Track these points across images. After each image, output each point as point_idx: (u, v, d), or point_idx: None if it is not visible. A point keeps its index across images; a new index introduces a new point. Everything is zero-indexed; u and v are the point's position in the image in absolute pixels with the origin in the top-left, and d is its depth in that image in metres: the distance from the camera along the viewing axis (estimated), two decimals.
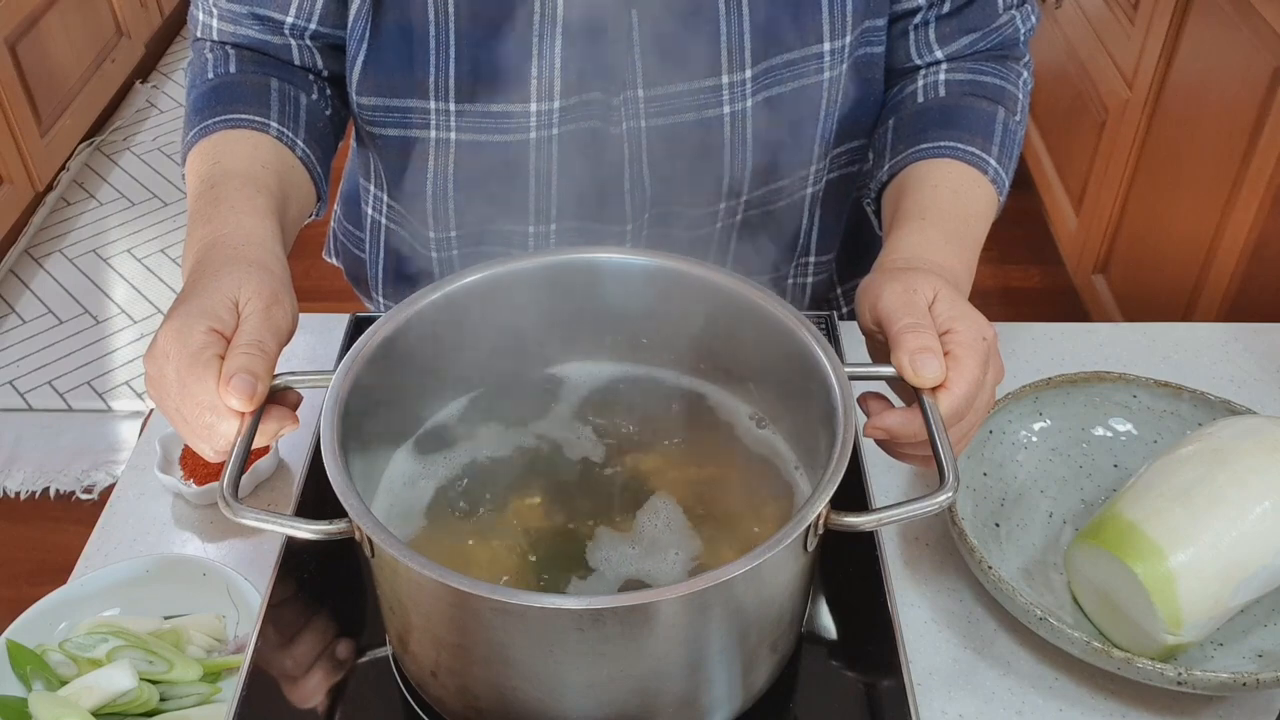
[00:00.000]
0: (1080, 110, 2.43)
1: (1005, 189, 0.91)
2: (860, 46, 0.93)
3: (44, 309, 2.65)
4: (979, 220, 0.87)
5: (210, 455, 0.70)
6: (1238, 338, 1.08)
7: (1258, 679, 0.72)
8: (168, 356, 0.68)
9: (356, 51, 0.90)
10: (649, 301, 0.79)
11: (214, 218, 0.78)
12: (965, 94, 0.94)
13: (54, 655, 0.81)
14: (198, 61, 0.93)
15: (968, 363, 0.70)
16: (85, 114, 3.07)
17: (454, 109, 0.90)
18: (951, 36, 0.95)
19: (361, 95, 0.92)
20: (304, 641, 0.75)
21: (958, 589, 0.85)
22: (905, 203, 0.86)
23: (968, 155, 0.88)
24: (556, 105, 0.89)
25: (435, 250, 1.00)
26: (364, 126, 0.96)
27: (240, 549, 0.90)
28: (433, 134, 0.92)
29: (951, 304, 0.73)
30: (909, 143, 0.91)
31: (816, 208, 1.02)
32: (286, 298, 0.73)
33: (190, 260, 0.76)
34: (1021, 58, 0.98)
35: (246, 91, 0.89)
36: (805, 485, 0.75)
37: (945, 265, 0.79)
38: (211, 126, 0.86)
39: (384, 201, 1.03)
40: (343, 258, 1.19)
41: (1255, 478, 0.78)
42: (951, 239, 0.82)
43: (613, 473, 0.76)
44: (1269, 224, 1.77)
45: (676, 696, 0.65)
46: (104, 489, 2.23)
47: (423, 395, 0.78)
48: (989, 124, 0.91)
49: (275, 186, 0.83)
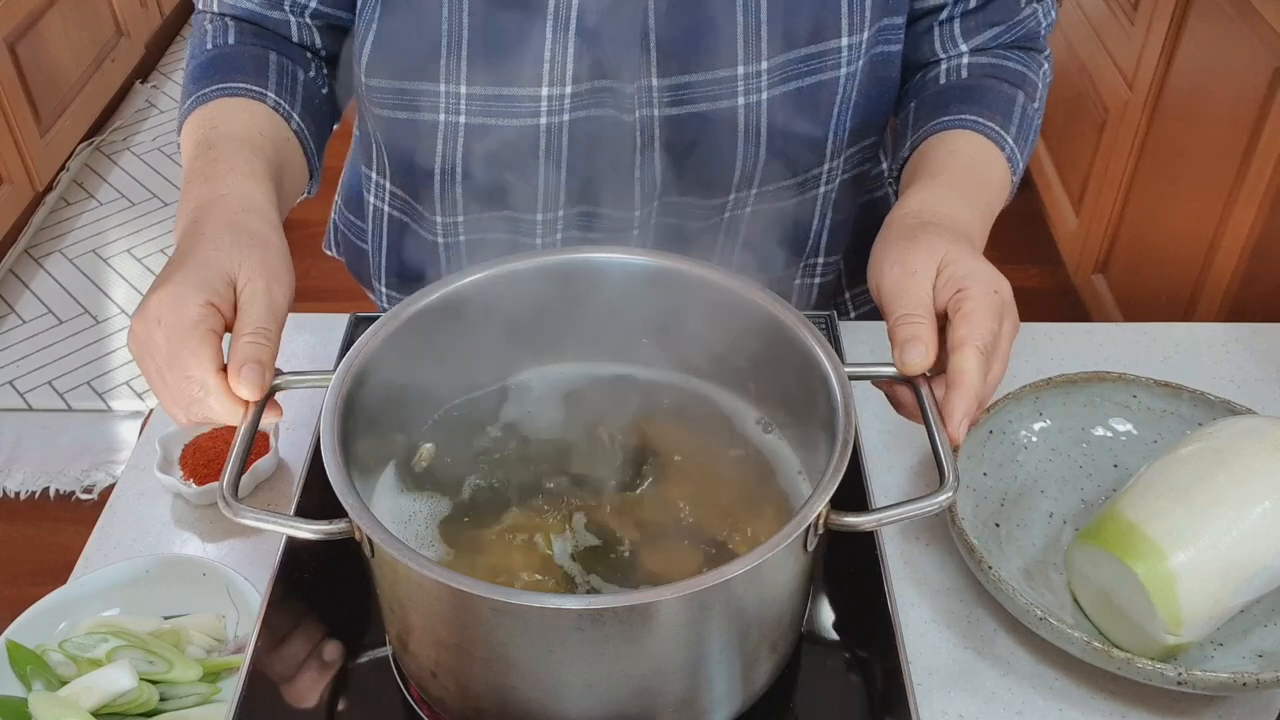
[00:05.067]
0: (1080, 110, 2.42)
1: (1019, 170, 0.91)
2: (877, 44, 0.93)
3: (44, 309, 2.65)
4: (993, 188, 0.87)
5: (183, 420, 0.70)
6: (1238, 338, 1.08)
7: (1258, 679, 0.72)
8: (159, 321, 0.68)
9: (366, 33, 0.90)
10: (649, 301, 0.79)
11: (211, 177, 0.77)
12: (987, 75, 0.94)
13: (54, 655, 0.81)
14: (198, 33, 0.93)
15: (978, 316, 0.70)
16: (85, 114, 3.07)
17: (464, 91, 0.89)
18: (976, 30, 0.95)
19: (371, 77, 0.92)
20: (304, 641, 0.75)
21: (958, 589, 0.85)
22: (921, 167, 0.87)
23: (986, 129, 0.89)
24: (568, 90, 0.89)
25: (441, 236, 1.00)
26: (371, 109, 0.95)
27: (240, 549, 0.90)
28: (442, 117, 0.91)
29: (959, 262, 0.73)
30: (929, 117, 0.92)
31: (829, 208, 1.02)
32: (285, 273, 0.73)
33: (185, 218, 0.75)
34: (1043, 50, 0.99)
35: (245, 62, 0.89)
36: (807, 489, 0.75)
37: (956, 217, 0.79)
38: (208, 95, 0.86)
39: (386, 188, 1.03)
40: (344, 249, 1.19)
41: (1255, 478, 0.77)
42: (965, 195, 0.83)
43: (613, 472, 0.76)
44: (1269, 224, 1.77)
45: (676, 696, 0.64)
46: (104, 489, 2.22)
47: (422, 395, 0.78)
48: (1009, 105, 0.91)
49: (271, 153, 0.83)
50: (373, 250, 1.09)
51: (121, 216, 2.93)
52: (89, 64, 3.08)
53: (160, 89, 3.43)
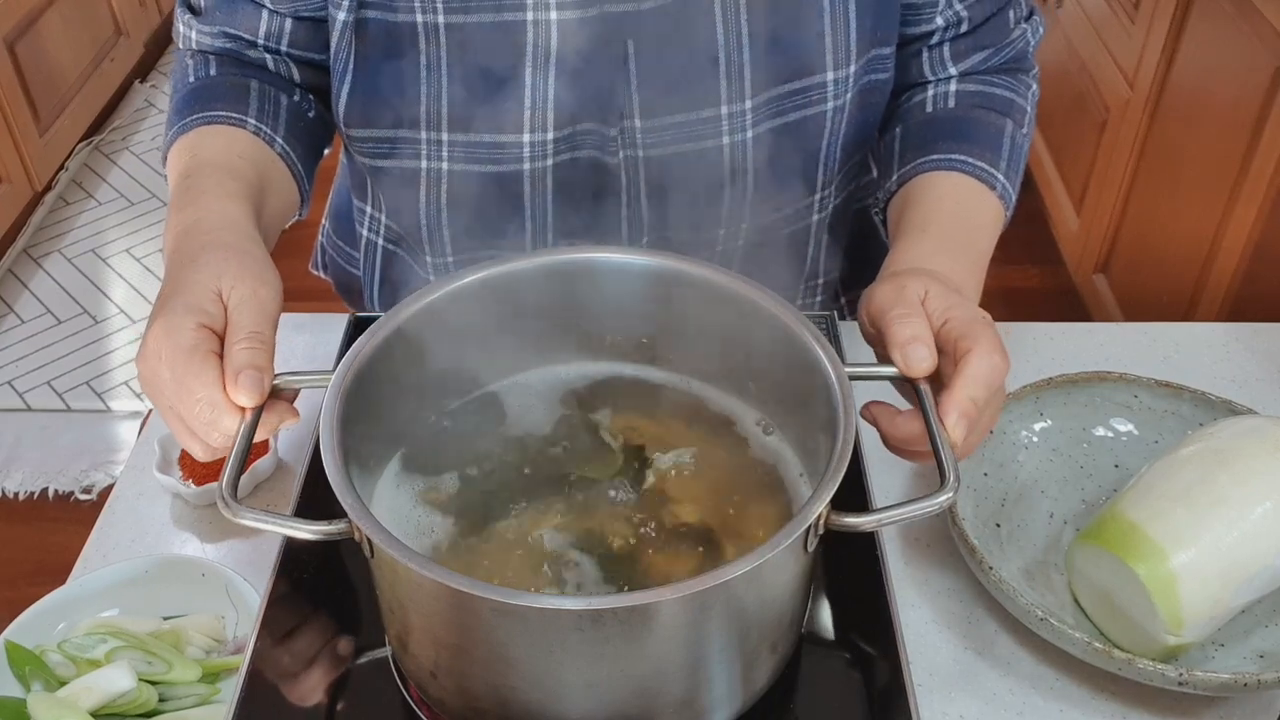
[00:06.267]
0: (1081, 110, 2.42)
1: (1012, 205, 0.91)
2: (866, 75, 0.91)
3: (43, 309, 2.65)
4: (984, 231, 0.86)
5: (203, 455, 0.69)
6: (1238, 338, 1.08)
7: (1259, 679, 0.72)
8: (160, 356, 0.67)
9: (341, 84, 0.89)
10: (649, 302, 0.79)
11: (188, 204, 0.78)
12: (974, 106, 0.93)
13: (53, 656, 0.81)
14: (179, 68, 0.93)
15: (976, 329, 0.69)
16: (84, 114, 3.07)
17: (446, 139, 0.89)
18: (965, 54, 0.95)
19: (350, 127, 0.92)
20: (303, 642, 0.75)
21: (958, 589, 0.85)
22: (909, 215, 0.86)
23: (976, 170, 0.88)
24: (550, 136, 0.88)
25: (433, 274, 1.00)
26: (355, 156, 0.95)
27: (240, 549, 0.90)
28: (424, 164, 0.91)
29: (943, 296, 0.72)
30: (917, 153, 0.90)
31: (824, 234, 1.01)
32: (269, 275, 0.72)
33: (168, 249, 0.76)
34: (1030, 69, 0.98)
35: (225, 91, 0.89)
36: (807, 489, 0.75)
37: (943, 273, 0.78)
38: (189, 124, 0.86)
39: (380, 222, 1.03)
40: (332, 271, 1.18)
41: (1256, 478, 0.77)
42: (952, 250, 0.82)
43: (613, 473, 0.75)
44: (1269, 224, 1.77)
45: (676, 697, 0.64)
46: (103, 489, 2.22)
47: (422, 395, 0.78)
48: (997, 139, 0.90)
49: (251, 174, 0.83)
50: (365, 280, 1.09)
51: (120, 216, 2.93)
52: (88, 63, 3.08)
53: (159, 89, 3.43)
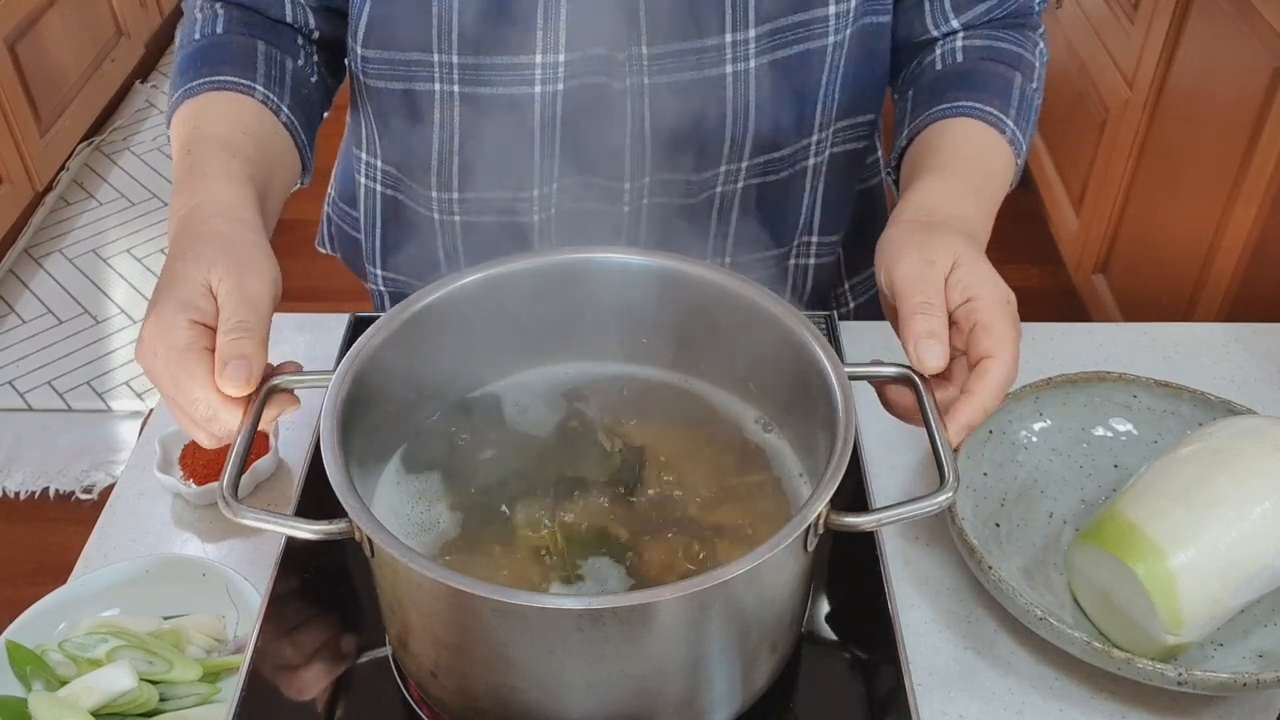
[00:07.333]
0: (1080, 110, 2.42)
1: (1023, 154, 0.91)
2: (865, 14, 0.93)
3: (43, 309, 2.65)
4: (998, 176, 0.87)
5: (209, 443, 0.70)
6: (1238, 338, 1.08)
7: (1258, 679, 0.72)
8: (155, 353, 0.68)
9: (362, 4, 0.90)
10: (649, 301, 0.79)
11: (188, 186, 0.78)
12: (982, 58, 0.94)
13: (54, 655, 0.81)
14: (188, 21, 0.93)
15: (999, 326, 0.70)
16: (85, 114, 3.07)
17: (457, 61, 0.90)
18: (967, 5, 0.95)
19: (366, 47, 0.92)
20: (304, 642, 0.75)
21: (958, 589, 0.85)
22: (925, 158, 0.86)
23: (986, 115, 0.89)
24: (562, 59, 0.89)
25: (437, 212, 0.99)
26: (366, 80, 0.95)
27: (240, 549, 0.90)
28: (437, 87, 0.92)
29: (971, 269, 0.72)
30: (927, 105, 0.91)
31: (819, 181, 1.02)
32: (261, 262, 0.72)
33: (170, 235, 0.76)
34: (1037, 28, 0.99)
35: (233, 53, 0.89)
36: (806, 489, 0.75)
37: (965, 215, 0.78)
38: (196, 88, 0.87)
39: (378, 167, 1.03)
40: (338, 241, 1.18)
41: (1255, 478, 0.77)
42: (971, 189, 0.83)
43: (613, 472, 0.75)
44: (1269, 224, 1.77)
45: (676, 696, 0.64)
46: (104, 489, 2.23)
47: (422, 395, 0.78)
48: (1006, 88, 0.91)
49: (254, 151, 0.83)
50: (366, 234, 1.09)
51: (121, 216, 2.93)
52: (89, 64, 3.08)
53: (160, 89, 3.43)
